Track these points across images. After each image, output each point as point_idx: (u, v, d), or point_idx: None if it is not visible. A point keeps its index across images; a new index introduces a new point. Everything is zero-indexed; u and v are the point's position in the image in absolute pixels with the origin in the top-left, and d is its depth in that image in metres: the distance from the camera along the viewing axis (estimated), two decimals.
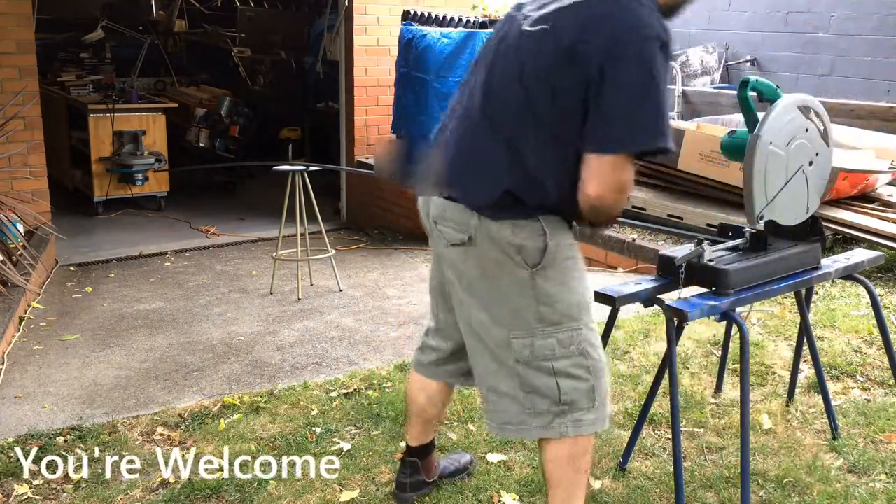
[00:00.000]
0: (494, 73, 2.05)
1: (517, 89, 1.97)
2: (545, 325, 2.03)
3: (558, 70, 1.90)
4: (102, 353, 3.94)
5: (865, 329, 3.71)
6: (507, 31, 2.07)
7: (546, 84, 1.92)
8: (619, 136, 1.85)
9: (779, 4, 7.46)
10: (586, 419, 2.08)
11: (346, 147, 7.18)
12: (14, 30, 5.31)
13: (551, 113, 1.92)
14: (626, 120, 1.84)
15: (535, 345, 2.04)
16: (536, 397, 2.06)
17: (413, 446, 2.55)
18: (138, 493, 2.65)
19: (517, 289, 2.03)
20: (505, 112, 1.99)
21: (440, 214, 2.12)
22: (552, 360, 2.04)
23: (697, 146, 5.03)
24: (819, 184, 2.61)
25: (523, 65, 1.96)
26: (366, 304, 4.71)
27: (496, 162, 1.99)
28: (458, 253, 2.09)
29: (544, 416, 2.07)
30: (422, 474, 2.56)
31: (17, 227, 4.97)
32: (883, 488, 2.61)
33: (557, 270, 2.03)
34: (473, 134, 2.06)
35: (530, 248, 1.99)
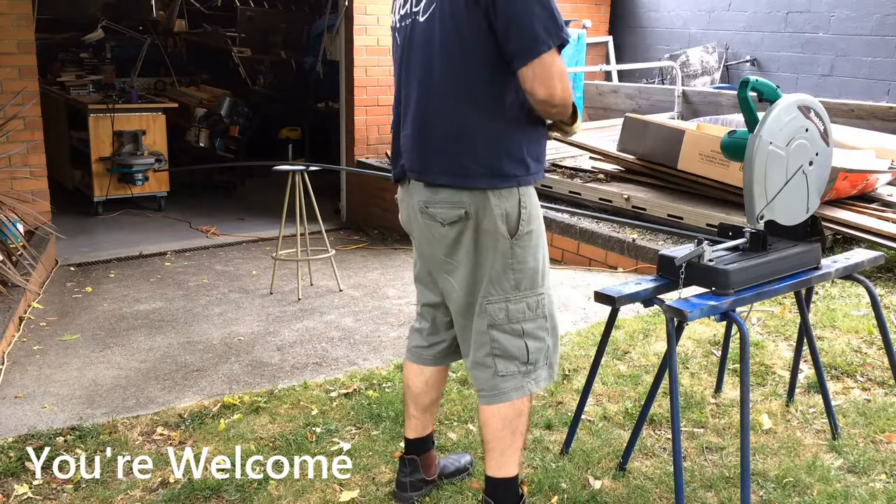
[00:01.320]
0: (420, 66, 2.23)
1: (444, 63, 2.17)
2: (518, 290, 2.24)
3: (465, 17, 2.10)
4: (102, 353, 3.94)
5: (865, 329, 3.71)
6: (409, 33, 2.27)
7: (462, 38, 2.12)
8: (532, 42, 2.05)
9: (779, 4, 7.46)
10: (541, 376, 2.30)
11: (346, 147, 7.18)
12: (14, 30, 5.31)
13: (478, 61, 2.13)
14: (531, 27, 2.05)
15: (509, 308, 2.24)
16: (506, 361, 2.25)
17: (411, 439, 2.57)
18: (138, 493, 2.65)
19: (500, 257, 2.22)
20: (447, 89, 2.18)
21: (429, 199, 2.25)
22: (522, 323, 2.25)
23: (697, 146, 5.03)
24: (819, 184, 2.61)
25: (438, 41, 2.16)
26: (366, 304, 4.71)
27: (462, 135, 2.18)
28: (456, 230, 2.23)
29: (514, 377, 2.26)
30: (421, 472, 2.58)
31: (17, 227, 4.97)
32: (883, 488, 2.61)
33: (530, 239, 2.24)
34: (432, 121, 2.22)
35: (512, 217, 2.20)
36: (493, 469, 2.32)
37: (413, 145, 2.27)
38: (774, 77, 7.38)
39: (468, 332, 2.32)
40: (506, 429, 2.27)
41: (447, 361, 2.53)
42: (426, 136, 2.23)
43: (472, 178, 2.18)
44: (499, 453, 2.30)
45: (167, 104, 7.48)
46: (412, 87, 2.26)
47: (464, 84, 2.16)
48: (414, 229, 2.38)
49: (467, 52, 2.13)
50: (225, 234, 6.52)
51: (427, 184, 2.25)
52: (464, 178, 2.18)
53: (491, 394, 2.27)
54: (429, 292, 2.47)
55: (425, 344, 2.51)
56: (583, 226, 5.27)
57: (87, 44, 8.31)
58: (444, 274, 2.32)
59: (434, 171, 2.23)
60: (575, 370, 3.47)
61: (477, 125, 2.16)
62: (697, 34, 8.10)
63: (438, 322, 2.48)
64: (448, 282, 2.32)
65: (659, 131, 5.32)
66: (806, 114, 2.50)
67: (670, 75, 8.01)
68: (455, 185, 2.19)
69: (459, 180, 2.19)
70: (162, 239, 6.32)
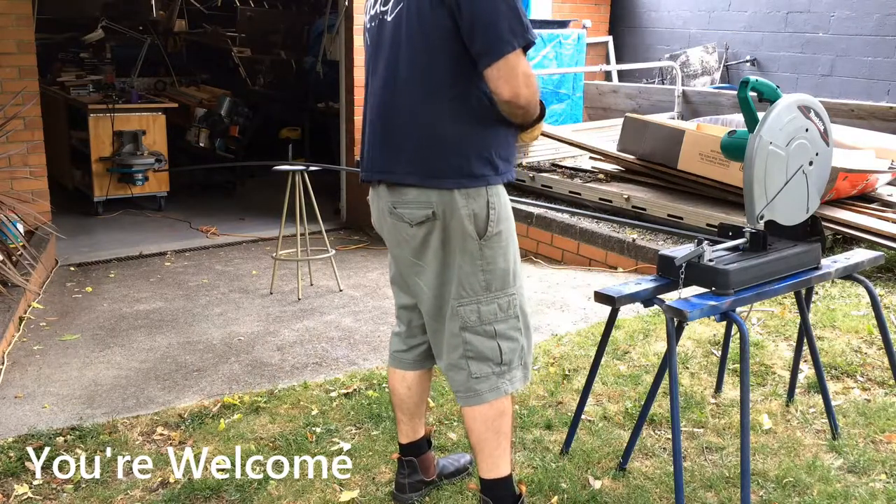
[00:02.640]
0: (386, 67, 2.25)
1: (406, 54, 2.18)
2: (488, 291, 2.23)
3: (431, 17, 2.11)
4: (102, 353, 3.94)
5: (865, 329, 3.71)
6: (377, 34, 2.31)
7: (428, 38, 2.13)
8: (496, 42, 2.05)
9: (779, 4, 7.46)
10: (516, 377, 2.29)
11: (346, 147, 7.17)
12: (14, 30, 5.31)
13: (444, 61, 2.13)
14: (495, 27, 2.05)
15: (480, 310, 2.23)
16: (479, 363, 2.25)
17: (405, 444, 2.58)
18: (138, 493, 2.65)
19: (468, 258, 2.21)
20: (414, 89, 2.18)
21: (397, 200, 2.25)
22: (494, 324, 2.24)
23: (697, 146, 5.03)
24: (819, 184, 2.61)
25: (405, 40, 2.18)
26: (366, 304, 4.71)
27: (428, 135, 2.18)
28: (423, 230, 2.23)
29: (489, 379, 2.26)
30: (420, 474, 2.58)
31: (17, 227, 4.97)
32: (883, 488, 2.61)
33: (499, 239, 2.23)
34: (398, 121, 2.22)
35: (480, 217, 2.19)
36: (485, 471, 2.33)
37: (379, 146, 2.27)
38: (774, 77, 7.38)
39: (440, 335, 2.31)
40: (489, 430, 2.28)
41: (427, 364, 2.51)
42: (392, 136, 2.24)
43: (438, 178, 2.17)
44: (487, 455, 2.31)
45: (167, 104, 7.48)
46: (378, 87, 2.28)
47: (430, 84, 2.16)
48: (384, 231, 2.38)
49: (433, 52, 2.14)
50: (225, 234, 6.52)
51: (394, 184, 2.24)
52: (430, 178, 2.18)
53: (466, 395, 2.28)
54: (403, 294, 2.46)
55: (404, 347, 2.50)
56: (583, 226, 5.27)
57: (87, 44, 8.31)
58: (414, 276, 2.32)
59: (400, 172, 2.22)
60: (575, 370, 3.47)
61: (443, 125, 2.16)
62: (697, 34, 8.11)
63: (414, 325, 2.47)
64: (417, 284, 2.32)
65: (659, 131, 5.32)
66: (806, 114, 2.50)
67: (670, 75, 8.01)
68: (422, 184, 2.19)
69: (426, 180, 2.18)
70: (162, 239, 6.32)
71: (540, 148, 6.39)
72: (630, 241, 4.96)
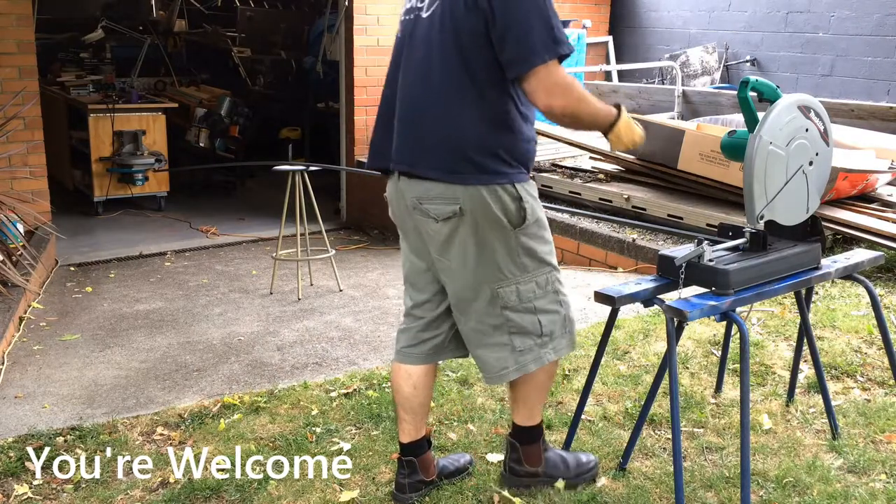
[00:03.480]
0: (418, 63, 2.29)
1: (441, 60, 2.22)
2: (526, 272, 2.34)
3: (464, 21, 2.16)
4: (102, 353, 3.94)
5: (865, 329, 3.71)
6: (412, 28, 2.32)
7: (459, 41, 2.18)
8: (526, 54, 2.11)
9: (779, 4, 7.46)
10: (561, 344, 2.45)
11: (346, 147, 7.18)
12: (14, 30, 5.31)
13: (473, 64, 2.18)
14: (527, 39, 2.10)
15: (519, 290, 2.34)
16: (522, 337, 2.38)
17: (405, 443, 2.58)
18: (138, 493, 2.65)
19: (503, 246, 2.30)
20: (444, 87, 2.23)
21: (422, 195, 2.29)
22: (534, 301, 2.37)
23: (697, 146, 5.03)
24: (819, 184, 2.61)
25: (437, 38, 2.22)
26: (366, 304, 4.71)
27: (456, 130, 2.22)
28: (450, 226, 2.28)
29: (532, 351, 2.40)
30: (420, 474, 2.58)
31: (17, 227, 4.97)
32: (883, 488, 2.61)
33: (534, 226, 2.33)
34: (426, 117, 2.27)
35: (511, 210, 2.27)
36: (521, 419, 2.55)
37: (406, 140, 2.30)
38: (774, 77, 7.38)
39: (473, 321, 2.38)
40: (536, 389, 2.50)
41: (436, 359, 2.55)
42: (420, 131, 2.27)
43: (465, 174, 2.22)
44: (529, 408, 2.53)
45: (167, 104, 7.48)
46: (408, 82, 2.30)
47: (459, 84, 2.20)
48: (407, 226, 2.43)
49: (464, 54, 2.18)
50: (225, 234, 6.52)
51: (418, 178, 2.28)
52: (455, 174, 2.23)
53: (515, 369, 2.40)
54: (417, 292, 2.51)
55: (414, 342, 2.52)
56: (583, 226, 5.27)
57: (87, 44, 8.31)
58: (440, 271, 2.39)
59: (424, 166, 2.26)
60: (575, 370, 3.47)
61: (471, 124, 2.21)
62: (697, 34, 8.10)
63: (428, 319, 2.50)
64: (445, 278, 2.39)
65: (659, 131, 5.32)
66: (806, 114, 2.50)
67: (670, 75, 8.01)
68: (446, 180, 2.24)
69: (450, 176, 2.23)
70: (162, 239, 6.32)
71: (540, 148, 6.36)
72: (630, 241, 4.96)
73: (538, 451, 2.58)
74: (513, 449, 2.58)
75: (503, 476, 2.63)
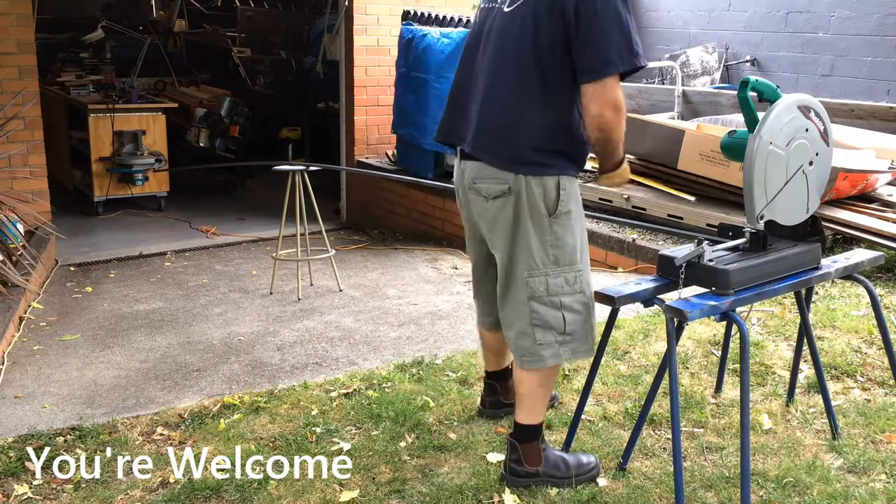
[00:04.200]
0: (493, 54, 2.46)
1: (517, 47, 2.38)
2: (557, 265, 2.46)
3: (546, 26, 2.32)
4: (102, 353, 3.94)
5: (865, 329, 3.71)
6: (490, 17, 2.50)
7: (537, 43, 2.34)
8: (601, 63, 2.27)
9: (779, 4, 7.46)
10: (581, 348, 2.54)
11: (346, 147, 7.18)
12: (14, 30, 5.31)
13: (547, 67, 2.35)
14: (605, 49, 2.27)
15: (548, 282, 2.46)
16: (544, 331, 2.48)
17: (490, 371, 3.01)
18: (138, 493, 2.65)
19: (538, 233, 2.44)
20: (514, 81, 2.40)
21: (477, 175, 2.51)
22: (561, 296, 2.47)
23: (697, 146, 5.03)
24: (819, 184, 2.61)
25: (517, 34, 2.38)
26: (366, 304, 4.71)
27: (517, 123, 2.41)
28: (497, 204, 2.47)
29: (552, 346, 2.49)
30: (500, 395, 3.02)
31: (17, 227, 4.97)
32: (883, 488, 2.61)
33: (568, 219, 2.45)
34: (495, 106, 2.45)
35: (551, 196, 2.41)
36: (523, 418, 2.61)
37: (473, 124, 2.50)
38: (774, 77, 7.38)
39: (508, 303, 2.54)
40: (540, 387, 2.57)
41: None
42: (485, 119, 2.46)
43: (518, 165, 2.40)
44: (531, 405, 2.59)
45: (167, 104, 7.48)
46: (482, 70, 2.49)
47: (531, 83, 2.37)
48: (467, 207, 2.65)
49: (541, 57, 2.35)
50: (225, 234, 6.52)
51: (478, 160, 2.49)
52: (510, 161, 2.42)
53: (531, 359, 2.51)
54: (477, 270, 2.80)
55: (483, 314, 2.87)
56: None
57: (87, 44, 8.31)
58: (491, 248, 2.59)
59: (483, 151, 2.47)
60: (575, 370, 3.47)
61: (535, 123, 2.39)
62: (697, 34, 8.11)
63: (487, 298, 2.78)
64: (493, 255, 2.59)
65: (659, 131, 5.32)
66: (806, 114, 2.50)
67: (670, 75, 8.01)
68: (502, 167, 2.43)
69: (507, 165, 2.42)
70: (162, 239, 6.32)
71: None
72: (630, 241, 4.96)
73: (537, 450, 2.62)
74: (513, 449, 2.62)
75: (503, 476, 2.64)
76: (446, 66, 5.88)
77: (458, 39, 5.86)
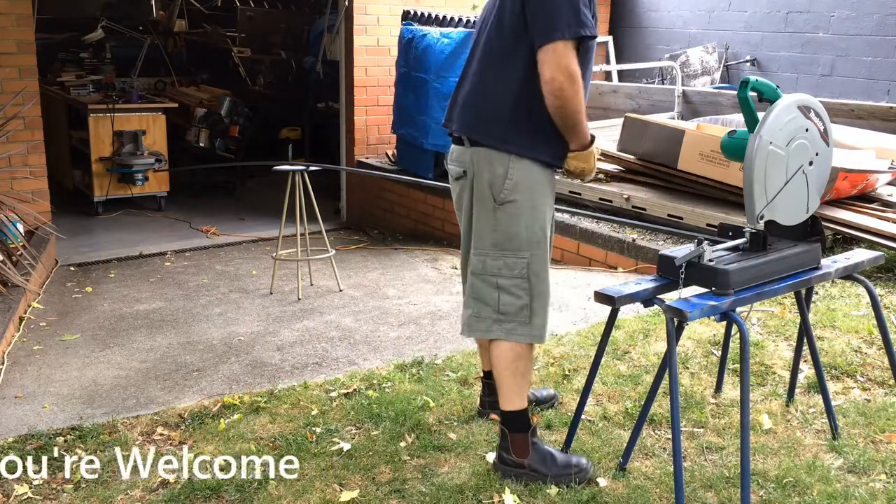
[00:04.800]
0: (477, 37, 2.66)
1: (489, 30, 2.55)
2: (497, 249, 2.56)
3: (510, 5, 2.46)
4: (102, 353, 3.94)
5: (865, 329, 3.71)
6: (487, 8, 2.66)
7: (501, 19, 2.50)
8: (549, 29, 2.36)
9: (779, 4, 7.46)
10: (519, 331, 2.59)
11: (346, 147, 7.18)
12: (14, 30, 5.31)
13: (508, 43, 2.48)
14: (553, 16, 2.36)
15: (486, 262, 2.59)
16: (481, 304, 2.61)
17: (487, 370, 3.00)
18: (138, 493, 2.65)
19: (484, 216, 2.57)
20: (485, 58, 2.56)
21: (449, 157, 2.72)
22: (498, 278, 2.57)
23: (697, 146, 5.03)
24: (819, 184, 2.61)
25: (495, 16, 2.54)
26: (366, 304, 4.71)
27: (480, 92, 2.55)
28: (459, 185, 2.68)
29: (485, 321, 2.61)
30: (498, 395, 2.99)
31: (17, 226, 4.97)
32: (883, 488, 2.61)
33: (514, 208, 2.52)
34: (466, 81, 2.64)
35: (497, 185, 2.52)
36: (503, 403, 2.68)
37: (452, 104, 2.69)
38: (774, 77, 7.38)
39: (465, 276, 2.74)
40: (506, 370, 2.62)
41: None
42: (460, 96, 2.64)
43: (475, 131, 2.54)
44: (505, 389, 2.65)
45: (167, 104, 7.48)
46: (472, 54, 2.66)
47: (498, 61, 2.51)
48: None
49: (503, 32, 2.49)
50: (225, 234, 6.52)
51: (455, 141, 2.66)
52: (470, 130, 2.56)
53: (466, 328, 2.67)
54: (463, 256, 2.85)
55: None
56: (583, 226, 5.27)
57: (87, 44, 8.32)
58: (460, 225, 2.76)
59: (453, 121, 2.64)
60: (575, 370, 3.47)
61: (500, 98, 2.49)
62: (697, 34, 8.10)
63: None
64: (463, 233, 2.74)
65: (659, 131, 5.32)
66: (806, 114, 2.50)
67: (670, 75, 8.01)
68: (462, 133, 2.58)
69: (466, 131, 2.56)
70: (162, 239, 6.32)
71: None
72: (630, 241, 4.96)
73: (525, 442, 2.65)
74: (503, 436, 2.69)
75: (494, 462, 2.73)
76: (446, 66, 5.88)
77: (458, 39, 5.86)
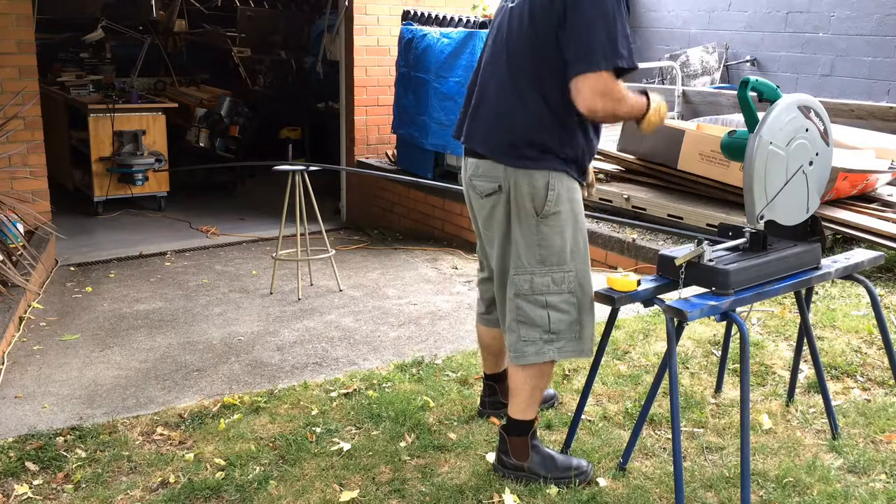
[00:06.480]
0: (494, 48, 2.55)
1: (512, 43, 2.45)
2: (543, 265, 2.48)
3: (540, 19, 2.36)
4: (102, 353, 3.94)
5: (865, 329, 3.71)
6: (500, 16, 2.57)
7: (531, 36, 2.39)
8: (585, 57, 2.28)
9: (779, 4, 7.46)
10: (568, 348, 2.54)
11: (346, 147, 7.18)
12: (14, 30, 5.31)
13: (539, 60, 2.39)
14: (590, 42, 2.28)
15: (533, 281, 2.49)
16: (529, 328, 2.51)
17: (489, 374, 3.04)
18: (138, 493, 2.65)
19: (525, 232, 2.48)
20: (509, 73, 2.45)
21: (473, 172, 2.57)
22: (546, 295, 2.49)
23: (697, 146, 5.03)
24: (819, 184, 2.61)
25: (516, 29, 2.44)
26: (366, 304, 4.72)
27: (508, 114, 2.45)
28: (490, 202, 2.53)
29: (535, 343, 2.52)
30: (499, 395, 3.01)
31: (17, 226, 4.97)
32: (883, 488, 2.61)
33: (557, 220, 2.46)
34: (488, 97, 2.52)
35: (539, 197, 2.43)
36: (514, 412, 2.64)
37: (470, 118, 2.59)
38: (774, 77, 7.38)
39: (500, 299, 2.63)
40: (526, 383, 2.58)
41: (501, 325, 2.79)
42: (481, 111, 2.54)
43: (507, 155, 2.44)
44: (520, 400, 2.61)
45: (167, 104, 7.48)
46: (485, 63, 2.57)
47: (525, 76, 2.42)
48: (468, 202, 2.70)
49: (536, 51, 2.39)
50: (225, 234, 6.52)
51: (471, 154, 2.56)
52: (501, 154, 2.45)
53: (515, 355, 2.55)
54: (481, 270, 2.84)
55: (485, 311, 2.88)
56: None
57: (87, 44, 8.31)
58: (487, 245, 2.66)
59: (477, 142, 2.54)
60: (575, 370, 3.47)
61: (528, 116, 2.41)
62: (697, 34, 8.11)
63: (487, 296, 2.82)
64: (489, 252, 2.65)
65: (659, 131, 5.30)
66: (806, 114, 2.50)
67: (670, 75, 8.01)
68: (492, 157, 2.47)
69: (497, 155, 2.46)
70: (162, 239, 6.32)
71: None
72: (630, 241, 4.96)
73: (525, 446, 2.65)
74: (502, 440, 2.68)
75: (493, 464, 2.73)
76: (446, 66, 5.88)
77: (458, 39, 5.86)
